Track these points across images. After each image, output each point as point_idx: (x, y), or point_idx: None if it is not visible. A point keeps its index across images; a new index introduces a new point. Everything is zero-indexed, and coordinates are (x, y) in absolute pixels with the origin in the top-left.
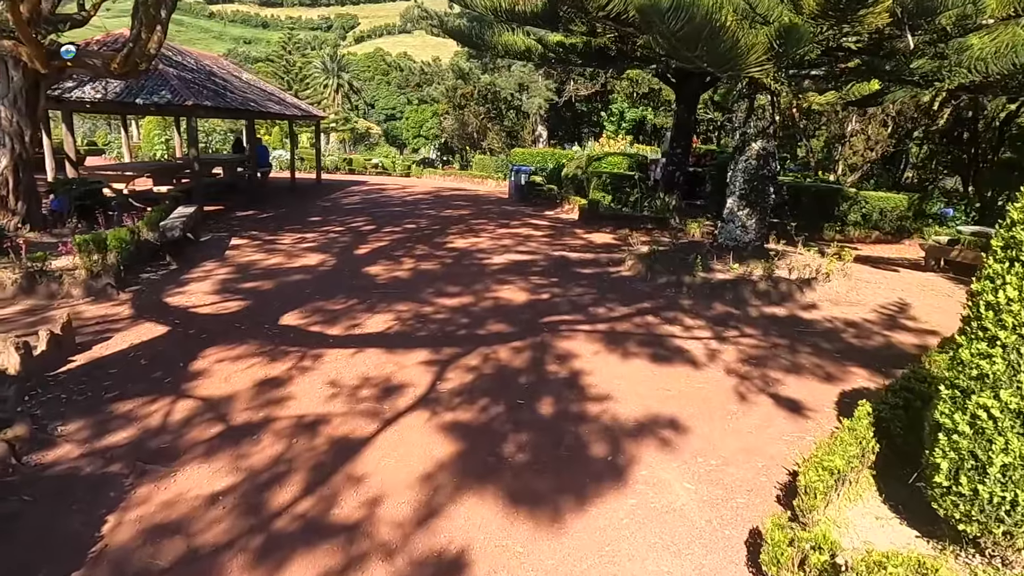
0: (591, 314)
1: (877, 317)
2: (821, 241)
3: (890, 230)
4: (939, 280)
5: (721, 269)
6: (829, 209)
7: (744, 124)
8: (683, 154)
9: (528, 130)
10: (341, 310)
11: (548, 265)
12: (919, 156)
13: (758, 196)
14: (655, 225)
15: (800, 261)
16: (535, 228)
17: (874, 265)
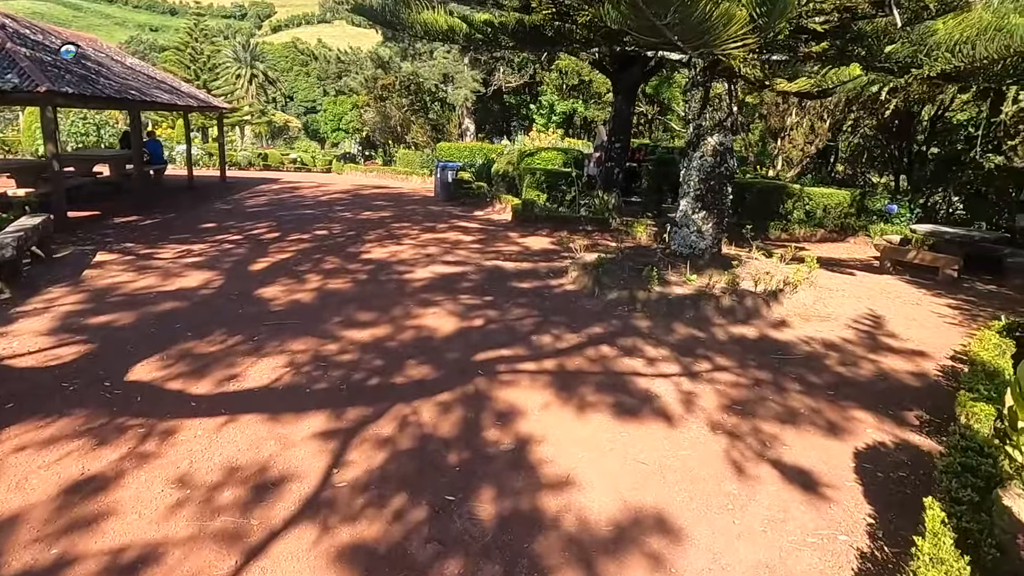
0: (535, 346)
1: (855, 335)
2: (768, 241)
3: (834, 227)
4: (899, 284)
5: (677, 281)
6: (774, 207)
7: (699, 116)
8: (622, 149)
9: (454, 123)
10: (217, 354)
11: (480, 279)
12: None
13: (715, 197)
14: (595, 227)
15: (760, 268)
16: (464, 232)
17: (830, 268)
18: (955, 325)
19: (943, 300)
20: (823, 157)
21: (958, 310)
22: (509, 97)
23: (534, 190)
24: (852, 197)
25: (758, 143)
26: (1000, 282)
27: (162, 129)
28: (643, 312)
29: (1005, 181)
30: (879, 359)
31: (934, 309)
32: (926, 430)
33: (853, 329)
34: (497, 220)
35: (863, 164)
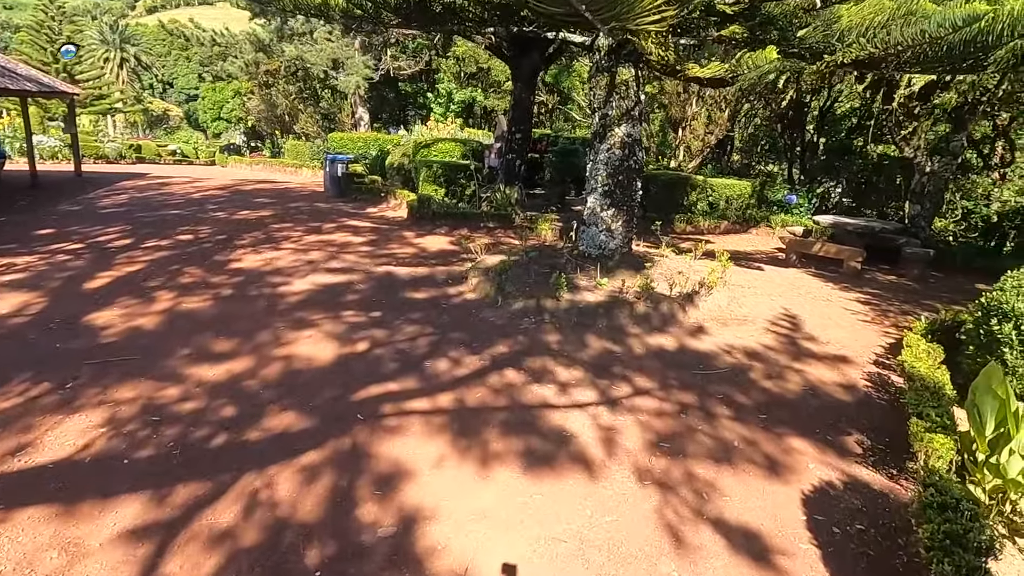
0: (429, 376)
1: (776, 341)
2: (675, 235)
3: (737, 219)
4: (807, 278)
5: (587, 286)
6: (679, 199)
7: (604, 105)
8: (523, 140)
9: (347, 112)
10: (8, 412)
11: (369, 289)
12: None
13: (624, 193)
14: (498, 223)
15: (672, 268)
16: (354, 232)
17: (738, 262)
18: (869, 323)
19: (852, 295)
20: (721, 147)
21: (868, 306)
22: (405, 85)
23: (431, 184)
24: (753, 188)
25: (659, 133)
26: (899, 272)
27: (10, 117)
28: (552, 323)
29: (893, 171)
30: (804, 368)
31: (845, 306)
32: (871, 459)
33: (772, 333)
34: (392, 218)
35: (758, 154)
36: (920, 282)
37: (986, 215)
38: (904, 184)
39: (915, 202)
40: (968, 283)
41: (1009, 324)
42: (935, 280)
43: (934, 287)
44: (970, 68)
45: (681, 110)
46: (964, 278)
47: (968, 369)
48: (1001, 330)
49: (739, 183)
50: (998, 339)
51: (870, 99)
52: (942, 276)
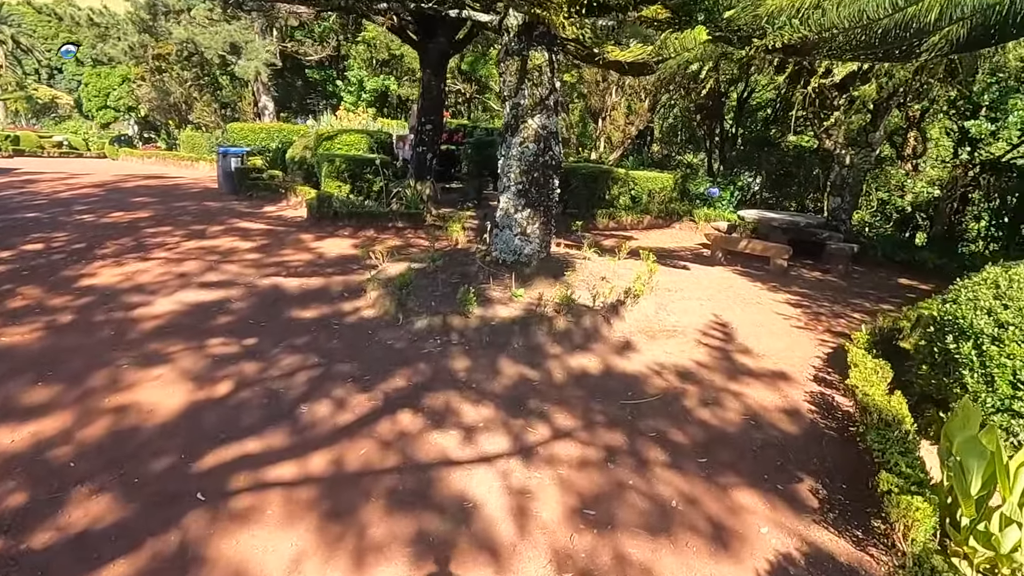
0: (303, 427)
1: (709, 356)
2: (597, 231)
3: (660, 213)
4: (734, 277)
5: (501, 298)
6: (600, 193)
7: (516, 93)
8: (434, 131)
9: (248, 101)
10: None
11: (248, 308)
12: (662, 130)
13: (541, 192)
14: (408, 223)
15: (595, 273)
16: (244, 236)
17: (663, 260)
18: (802, 329)
19: (781, 295)
20: (641, 138)
21: (799, 308)
22: (313, 72)
23: (334, 180)
24: (675, 180)
25: (579, 124)
26: (823, 268)
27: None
28: (460, 345)
29: (811, 163)
30: (742, 390)
31: (776, 308)
32: (831, 516)
33: (704, 346)
34: (290, 218)
35: (677, 144)
36: (845, 278)
37: (900, 206)
38: (823, 176)
39: (835, 195)
40: (890, 277)
41: (968, 343)
42: (859, 275)
43: (859, 283)
44: (903, 56)
45: (601, 100)
46: (886, 272)
47: (921, 389)
48: (959, 349)
49: (661, 176)
50: (955, 359)
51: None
52: (864, 271)
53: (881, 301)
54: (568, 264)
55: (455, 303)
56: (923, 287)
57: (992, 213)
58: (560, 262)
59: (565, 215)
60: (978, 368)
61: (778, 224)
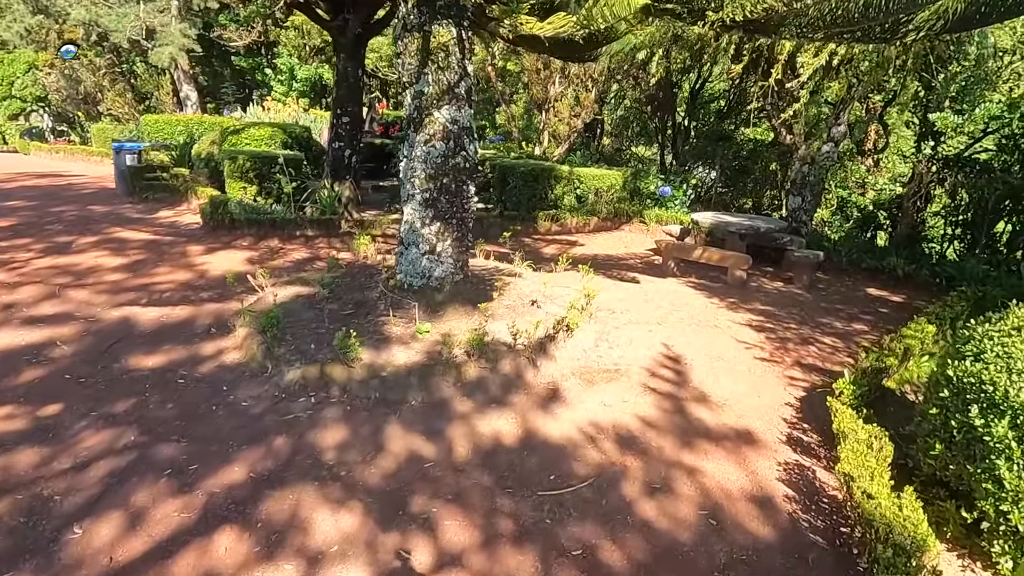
0: (57, 570)
1: (657, 409)
2: (538, 235)
3: (608, 214)
4: (688, 292)
5: (402, 335)
6: (542, 192)
7: (418, 78)
8: (352, 124)
9: (166, 91)
10: None
11: (75, 353)
12: (613, 123)
13: (452, 201)
14: (320, 231)
15: (526, 293)
16: (117, 250)
17: (609, 271)
18: (767, 361)
19: (741, 315)
20: (590, 131)
21: (762, 331)
22: (240, 60)
23: (238, 181)
24: (624, 178)
25: (523, 116)
26: (785, 277)
27: None
28: (340, 405)
29: (769, 158)
30: (698, 463)
31: (736, 333)
32: None
33: (652, 393)
34: (184, 226)
35: (628, 138)
36: (810, 290)
37: (862, 205)
38: (781, 173)
39: (795, 194)
40: (858, 287)
41: (1002, 421)
42: (824, 285)
43: (826, 295)
44: (885, 35)
45: (543, 90)
46: (852, 280)
47: (929, 470)
48: (990, 429)
49: (610, 173)
50: (984, 442)
51: (744, 80)
52: (830, 279)
53: (853, 319)
54: (492, 285)
55: (339, 347)
56: (894, 298)
57: (950, 211)
58: (482, 283)
59: (502, 218)
60: (1020, 458)
61: (735, 229)
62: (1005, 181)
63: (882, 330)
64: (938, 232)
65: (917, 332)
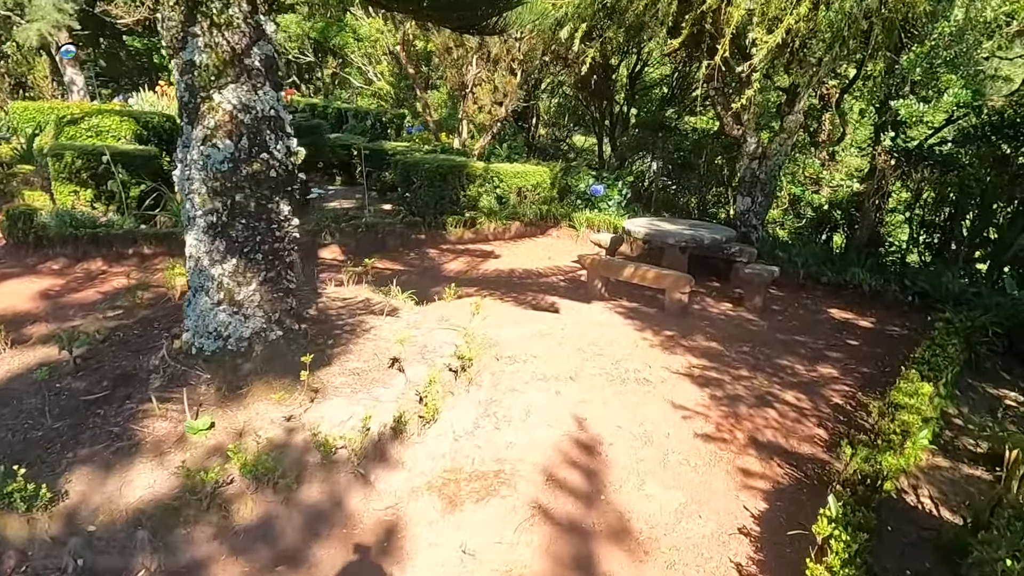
0: None
1: (549, 560)
2: (447, 244)
3: (533, 218)
4: (615, 327)
5: (163, 440)
6: (452, 193)
7: (183, 42)
8: None
9: (42, 73)
10: None
11: None
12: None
13: (253, 226)
14: (163, 247)
15: (381, 349)
16: None
17: (520, 297)
18: (714, 442)
19: (681, 359)
20: (524, 120)
21: (706, 387)
22: (134, 40)
23: (68, 184)
24: (553, 175)
25: (447, 104)
26: (734, 296)
27: None
28: None
29: (714, 152)
30: None
31: (673, 393)
32: None
33: (545, 522)
34: None
35: (565, 127)
36: (764, 313)
37: (816, 203)
38: (728, 168)
39: (744, 193)
40: (819, 308)
41: None
42: (779, 306)
43: (782, 320)
44: None
45: (459, 75)
46: (811, 298)
47: None
48: None
49: (535, 170)
50: None
51: (688, 63)
52: (785, 296)
53: (818, 359)
54: (341, 336)
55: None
56: (862, 323)
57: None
58: (322, 336)
59: (406, 225)
60: None
61: (675, 241)
62: (978, 179)
63: (856, 377)
64: (898, 232)
65: (911, 397)
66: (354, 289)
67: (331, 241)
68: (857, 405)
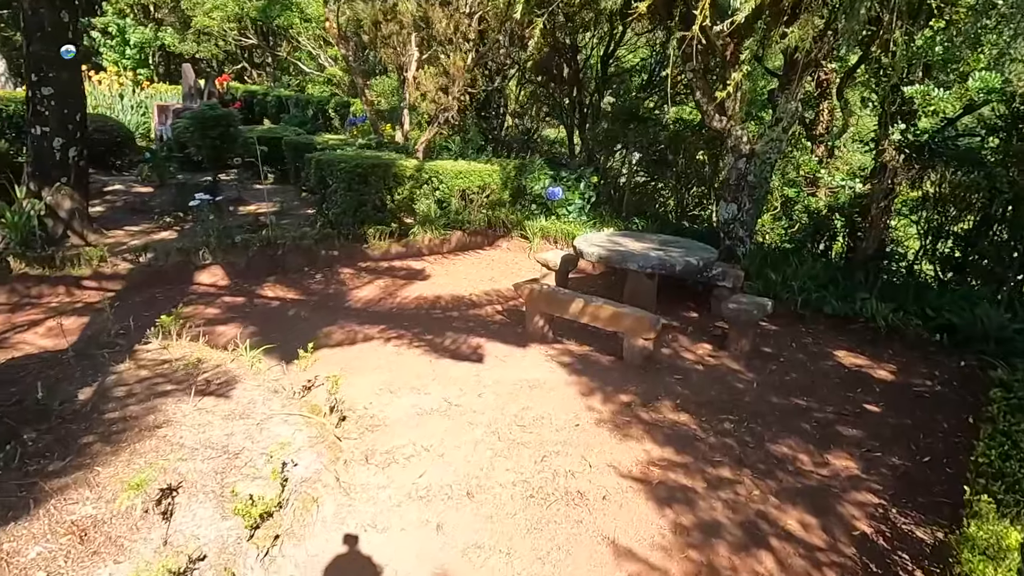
0: None
1: None
2: (362, 263)
3: (479, 226)
4: (555, 387)
5: None
6: (376, 198)
7: None
8: (60, 98)
9: None
10: None
11: None
12: (518, 100)
13: None
14: None
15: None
16: None
17: (436, 339)
18: None
19: (636, 450)
20: (486, 110)
21: (669, 511)
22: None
23: None
24: (505, 175)
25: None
26: (715, 335)
27: None
28: None
29: (695, 146)
30: None
31: (618, 522)
32: None
33: None
34: None
35: (535, 118)
36: (752, 364)
37: (813, 208)
38: (711, 166)
39: (729, 199)
40: (824, 351)
41: None
42: (773, 348)
43: (777, 373)
44: None
45: (395, 54)
46: (812, 336)
47: None
48: None
49: (482, 169)
50: None
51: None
52: (778, 332)
53: (828, 441)
54: (100, 445)
55: None
56: (880, 373)
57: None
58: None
59: (320, 238)
60: None
61: (640, 266)
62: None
63: (884, 474)
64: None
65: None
66: (187, 347)
67: (211, 261)
68: (894, 535)
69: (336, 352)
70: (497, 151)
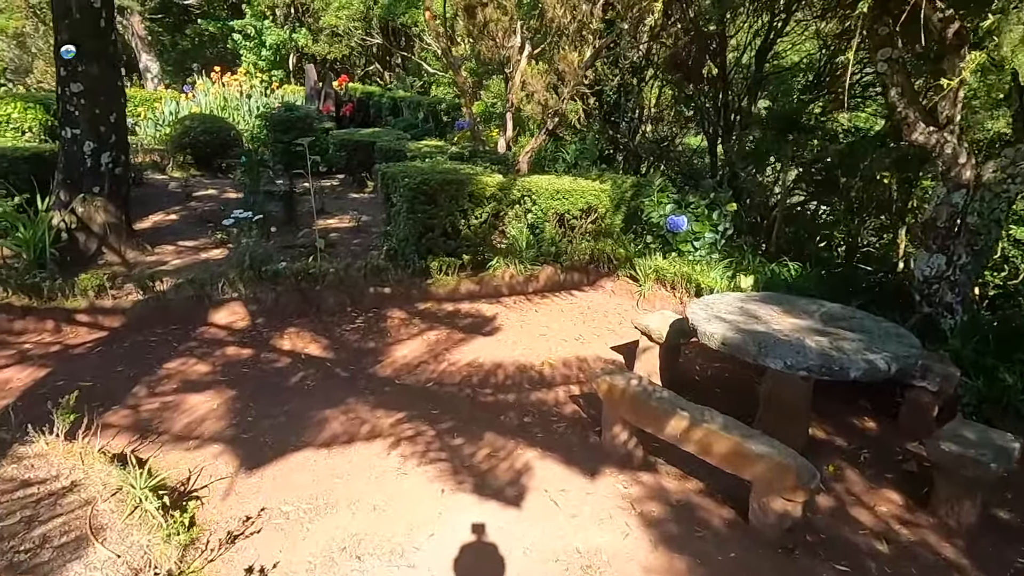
0: None
1: None
2: (420, 304)
3: (580, 259)
4: (630, 571)
5: None
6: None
7: None
8: (92, 96)
9: None
10: None
11: None
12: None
13: None
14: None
15: None
16: None
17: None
18: None
19: None
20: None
21: None
22: (208, 23)
23: None
24: (618, 195)
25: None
26: (902, 479)
27: None
28: None
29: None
30: None
31: None
32: None
33: None
34: None
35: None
36: (978, 546)
37: None
38: (901, 194)
39: (936, 247)
40: None
41: None
42: (1011, 513)
43: None
44: None
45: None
46: None
47: None
48: None
49: (589, 187)
50: None
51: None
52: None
53: None
54: None
55: None
56: None
57: None
58: None
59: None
60: None
61: (790, 364)
62: None
63: None
64: None
65: None
66: (76, 455)
67: (231, 296)
68: None
69: (313, 461)
70: (628, 162)
